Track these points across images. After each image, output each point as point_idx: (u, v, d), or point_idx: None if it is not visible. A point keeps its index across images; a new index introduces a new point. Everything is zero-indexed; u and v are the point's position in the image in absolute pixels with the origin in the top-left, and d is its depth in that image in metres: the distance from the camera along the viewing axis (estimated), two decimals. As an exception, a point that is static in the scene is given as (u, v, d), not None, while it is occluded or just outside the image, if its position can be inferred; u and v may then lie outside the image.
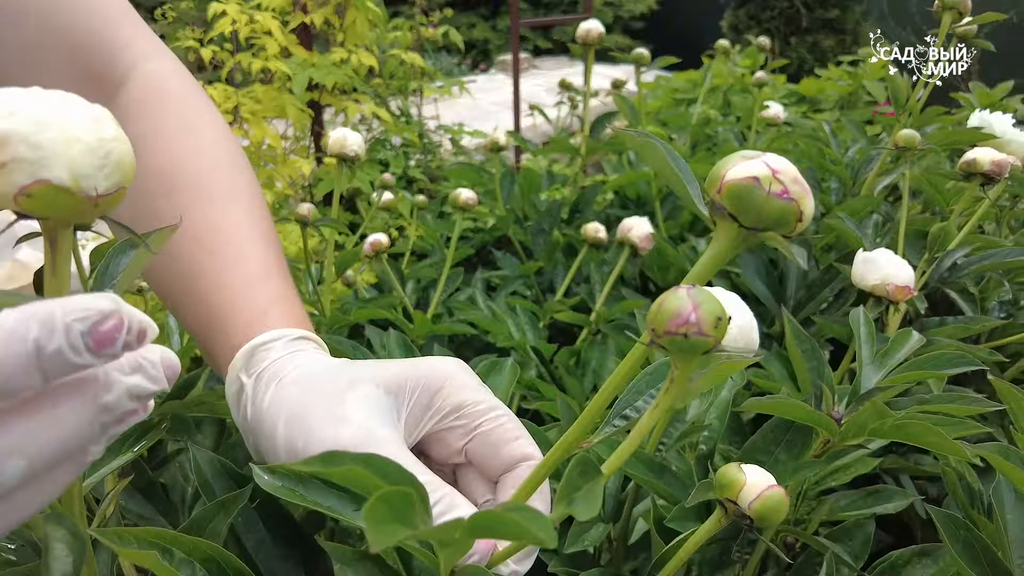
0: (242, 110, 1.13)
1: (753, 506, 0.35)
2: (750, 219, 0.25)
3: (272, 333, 0.41)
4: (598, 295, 0.96)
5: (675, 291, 0.25)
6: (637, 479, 0.46)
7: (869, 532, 0.52)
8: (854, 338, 0.56)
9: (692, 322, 0.24)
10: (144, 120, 0.49)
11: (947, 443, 0.35)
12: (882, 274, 0.68)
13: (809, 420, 0.44)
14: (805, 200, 0.24)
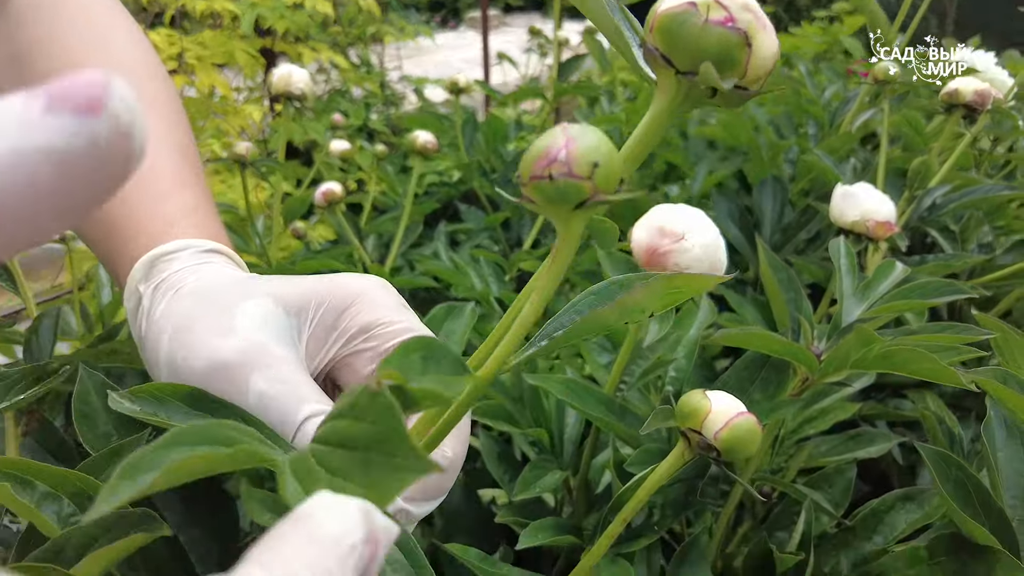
0: (187, 56, 1.06)
1: (720, 436, 0.30)
2: (685, 59, 0.19)
3: (177, 243, 0.37)
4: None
5: (551, 128, 0.20)
6: (595, 420, 0.42)
7: (850, 478, 0.48)
8: (833, 275, 0.52)
9: (560, 160, 0.18)
10: (39, 25, 0.43)
11: (940, 368, 0.31)
12: (862, 210, 0.63)
13: (786, 354, 0.40)
14: (759, 34, 0.19)
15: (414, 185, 0.87)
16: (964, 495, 0.36)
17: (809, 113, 0.97)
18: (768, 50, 0.20)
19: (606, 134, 0.21)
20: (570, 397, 0.41)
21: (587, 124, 0.19)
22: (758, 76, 0.20)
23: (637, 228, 0.39)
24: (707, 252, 0.37)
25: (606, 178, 0.19)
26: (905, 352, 0.32)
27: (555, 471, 0.44)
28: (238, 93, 1.23)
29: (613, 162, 0.19)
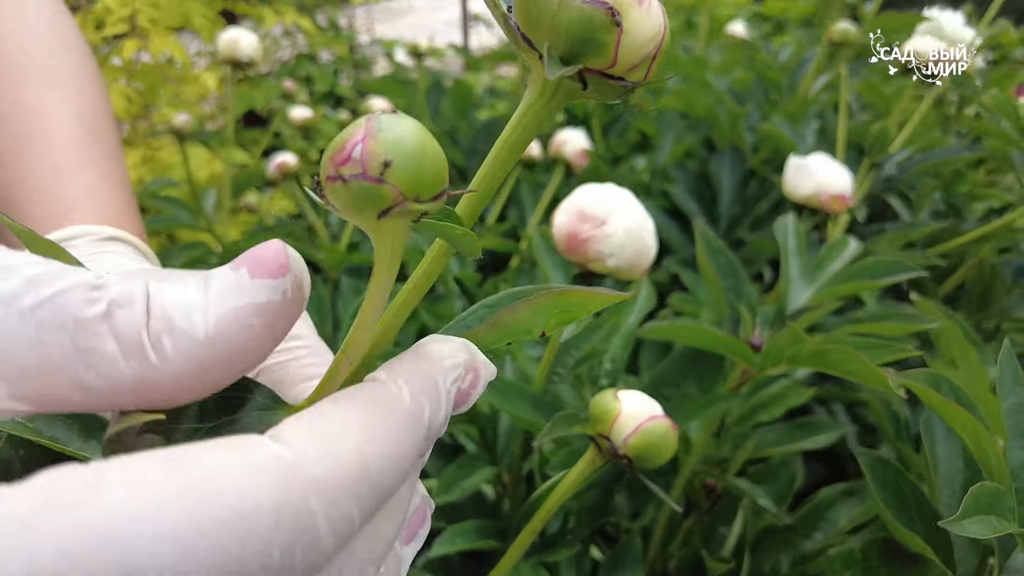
0: (140, 18, 1.00)
1: (630, 442, 0.28)
2: (543, 37, 0.16)
3: (73, 229, 0.34)
4: (529, 220, 0.88)
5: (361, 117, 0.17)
6: (523, 423, 0.39)
7: (794, 471, 0.45)
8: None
9: (354, 158, 0.15)
10: None
11: (869, 371, 0.28)
12: (816, 182, 0.60)
13: (720, 348, 0.37)
14: (633, 10, 0.16)
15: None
16: (899, 500, 0.33)
17: (767, 79, 0.93)
18: (647, 31, 0.16)
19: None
20: (495, 398, 0.38)
21: (403, 114, 0.16)
22: (633, 63, 0.17)
23: (558, 212, 0.36)
24: (632, 237, 0.34)
25: (414, 181, 0.15)
26: (837, 352, 0.30)
27: (484, 468, 0.41)
28: (199, 58, 1.17)
29: (425, 161, 0.15)
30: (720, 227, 0.78)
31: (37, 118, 0.38)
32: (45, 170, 0.37)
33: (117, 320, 0.15)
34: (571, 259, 0.35)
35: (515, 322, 0.21)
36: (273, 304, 0.16)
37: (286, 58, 1.32)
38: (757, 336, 0.40)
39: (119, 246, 0.35)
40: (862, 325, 0.37)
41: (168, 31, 1.05)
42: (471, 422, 0.43)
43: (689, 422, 0.39)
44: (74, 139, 0.39)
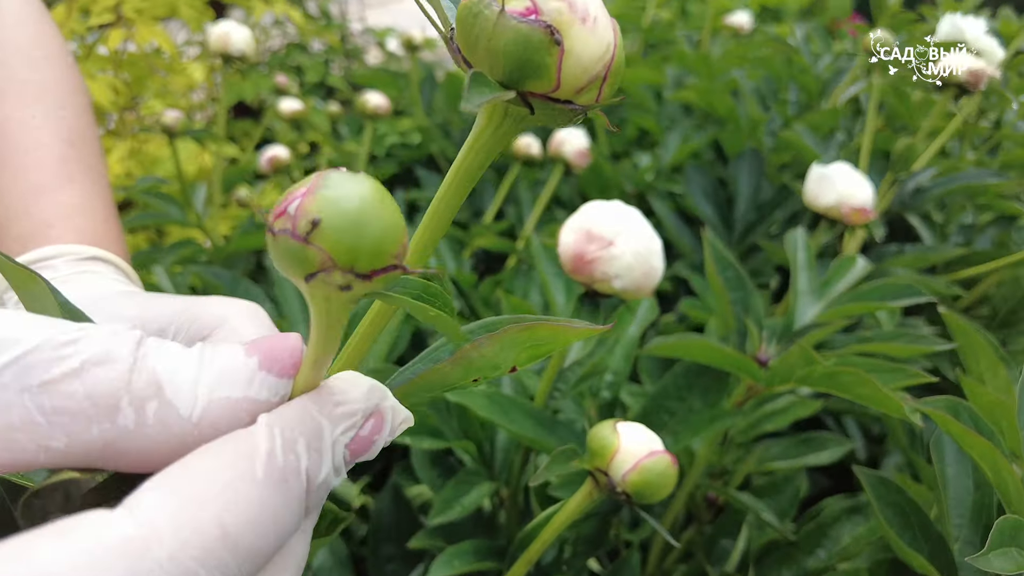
0: (125, 8, 1.00)
1: (628, 479, 0.28)
2: (484, 63, 0.16)
3: (52, 248, 0.34)
4: (528, 218, 0.88)
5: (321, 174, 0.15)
6: (522, 439, 0.40)
7: (798, 486, 0.46)
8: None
9: (288, 212, 0.14)
10: None
11: (882, 396, 0.29)
12: (837, 193, 0.61)
13: (727, 364, 0.38)
14: (575, 29, 0.15)
15: (366, 153, 0.84)
16: (903, 520, 0.34)
17: (798, 82, 0.94)
18: (593, 50, 0.16)
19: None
20: (494, 413, 0.39)
21: (364, 175, 0.15)
22: (579, 85, 0.16)
23: (564, 230, 0.36)
24: (639, 260, 0.34)
25: (347, 248, 0.14)
26: (849, 375, 0.30)
27: (482, 484, 0.42)
28: (189, 47, 1.17)
29: (365, 228, 0.14)
30: (735, 233, 0.79)
31: (17, 134, 0.39)
32: (25, 188, 0.37)
33: (91, 379, 0.15)
34: (577, 279, 0.36)
35: (481, 357, 0.21)
36: (270, 405, 0.17)
37: (276, 47, 1.33)
38: (764, 351, 0.41)
39: (99, 266, 0.35)
40: (871, 344, 0.37)
41: (154, 21, 1.05)
42: (468, 437, 0.43)
43: (693, 438, 0.40)
44: (55, 156, 0.39)
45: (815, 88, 0.94)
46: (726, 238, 0.82)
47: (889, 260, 0.69)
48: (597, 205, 0.37)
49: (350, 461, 0.18)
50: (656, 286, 0.36)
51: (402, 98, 1.13)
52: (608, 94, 0.17)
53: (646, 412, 0.41)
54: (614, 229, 0.35)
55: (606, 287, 0.35)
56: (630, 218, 0.36)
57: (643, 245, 0.35)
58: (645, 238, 0.35)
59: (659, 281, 0.36)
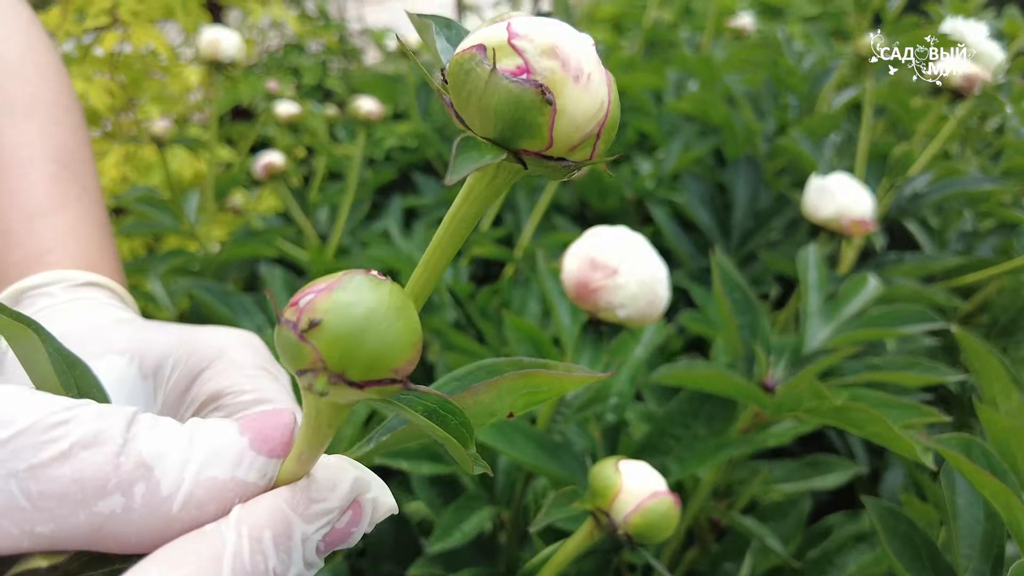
0: (121, 11, 0.98)
1: (630, 520, 0.27)
2: (475, 120, 0.15)
3: (48, 275, 0.33)
4: (525, 226, 0.87)
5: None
6: (525, 465, 0.38)
7: (804, 510, 0.45)
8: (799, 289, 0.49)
9: (299, 305, 0.14)
10: None
11: (894, 436, 0.28)
12: (837, 205, 0.60)
13: (735, 393, 0.37)
14: (568, 88, 0.15)
15: (359, 161, 0.83)
16: (912, 552, 0.33)
17: (786, 83, 0.93)
18: (586, 108, 0.15)
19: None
20: (496, 439, 0.38)
21: (390, 283, 0.15)
22: (572, 143, 0.16)
23: (568, 256, 0.35)
24: (644, 288, 0.33)
25: (341, 354, 0.14)
26: (860, 412, 0.29)
27: (482, 509, 0.41)
28: (185, 48, 1.16)
29: (366, 338, 0.14)
30: (733, 240, 0.78)
31: (11, 154, 0.37)
32: (19, 212, 0.36)
33: (79, 463, 0.15)
34: (581, 307, 0.35)
35: (477, 404, 0.20)
36: (256, 488, 0.16)
37: (274, 48, 1.31)
38: (771, 375, 0.40)
39: (95, 292, 0.34)
40: (882, 374, 0.36)
41: (150, 23, 1.03)
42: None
43: (699, 467, 0.39)
44: (50, 177, 0.38)
45: (803, 88, 0.93)
46: (724, 245, 0.81)
47: (888, 269, 0.68)
48: (602, 231, 0.35)
49: (324, 551, 0.17)
50: (662, 314, 0.35)
51: (401, 101, 1.12)
52: (602, 151, 0.17)
53: (651, 438, 0.40)
54: (619, 257, 0.33)
55: (610, 316, 0.34)
56: (635, 246, 0.34)
57: (648, 274, 0.34)
58: (650, 266, 0.34)
59: (664, 309, 0.35)
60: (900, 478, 0.61)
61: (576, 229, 0.92)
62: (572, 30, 0.16)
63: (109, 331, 0.30)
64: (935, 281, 0.70)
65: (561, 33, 0.15)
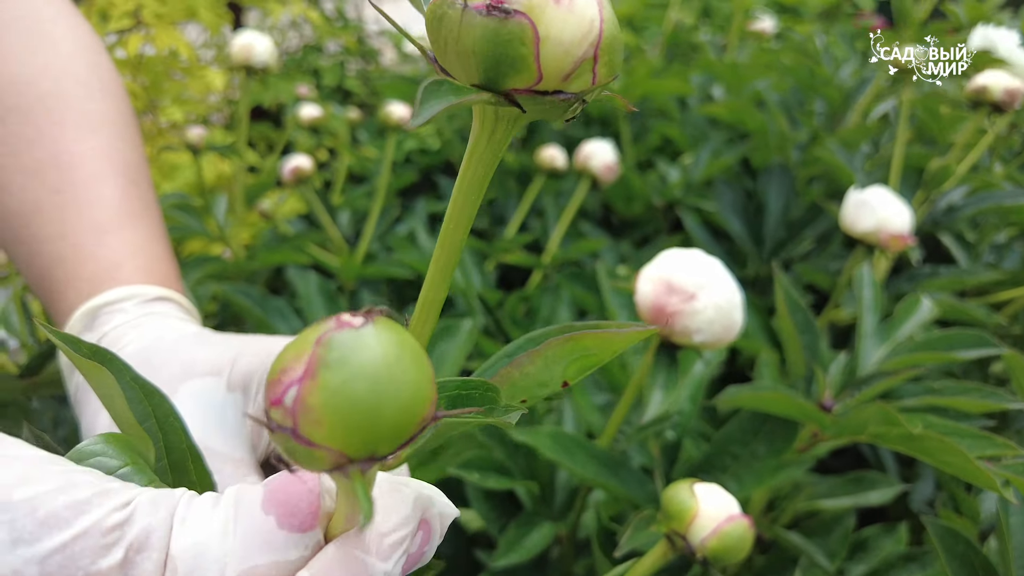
0: (144, 13, 0.99)
1: (708, 544, 0.28)
2: (457, 67, 0.15)
3: (121, 291, 0.35)
4: (553, 231, 0.88)
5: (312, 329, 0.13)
6: (586, 480, 0.39)
7: (849, 526, 0.46)
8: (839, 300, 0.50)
9: (285, 404, 0.12)
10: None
11: (973, 468, 0.29)
12: (877, 219, 0.60)
13: (798, 415, 0.38)
14: (548, 11, 0.14)
15: (388, 169, 0.83)
16: (969, 572, 0.34)
17: (821, 93, 0.93)
18: (574, 30, 0.14)
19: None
20: (559, 454, 0.39)
21: (369, 330, 0.12)
22: (565, 71, 0.15)
23: (642, 279, 0.36)
24: (721, 314, 0.34)
25: (363, 442, 0.12)
26: (934, 442, 0.30)
27: (543, 525, 0.42)
28: (207, 49, 1.16)
29: (382, 409, 0.12)
30: (765, 250, 0.79)
31: (78, 169, 0.38)
32: (88, 226, 0.37)
33: (134, 570, 0.15)
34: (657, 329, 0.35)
35: (525, 376, 0.19)
36: (303, 559, 0.16)
37: (292, 49, 1.31)
38: (827, 397, 0.41)
39: (165, 306, 0.36)
40: (941, 398, 0.37)
41: (173, 25, 1.04)
42: (534, 477, 0.43)
43: (758, 487, 0.40)
44: (116, 191, 0.39)
45: (838, 100, 0.93)
46: (756, 254, 0.82)
47: (924, 282, 0.69)
48: (676, 254, 0.36)
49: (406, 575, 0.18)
50: (735, 338, 0.36)
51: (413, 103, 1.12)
52: (605, 75, 0.15)
53: (709, 456, 0.41)
54: (697, 282, 0.34)
55: (685, 340, 0.35)
56: (713, 270, 0.35)
57: (726, 299, 0.34)
58: (728, 291, 0.35)
59: (739, 333, 0.36)
60: (930, 490, 0.62)
61: (602, 235, 0.92)
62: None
63: (189, 350, 0.31)
64: (967, 295, 0.71)
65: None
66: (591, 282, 0.75)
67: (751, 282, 0.81)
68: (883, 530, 0.50)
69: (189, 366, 0.30)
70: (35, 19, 0.41)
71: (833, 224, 0.78)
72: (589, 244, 0.83)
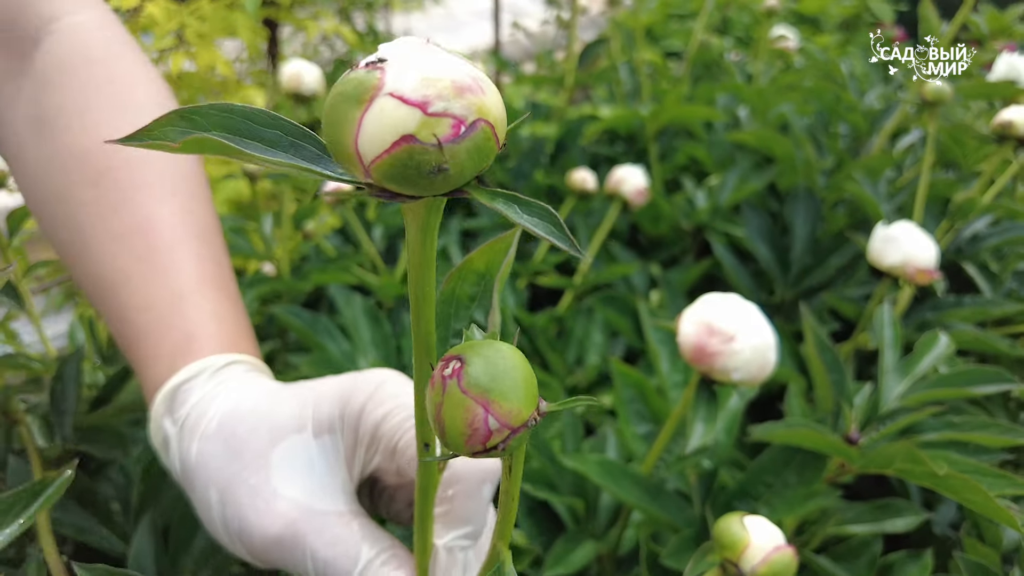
0: (187, 32, 1.04)
1: (758, 571, 0.32)
2: (431, 188, 0.16)
3: (195, 366, 0.37)
4: (584, 252, 0.92)
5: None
6: (630, 504, 0.43)
7: (876, 552, 0.50)
8: (864, 327, 0.53)
9: (493, 430, 0.18)
10: (67, 92, 0.42)
11: (994, 507, 0.33)
12: (903, 253, 0.64)
13: (826, 449, 0.41)
14: (483, 101, 0.16)
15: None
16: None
17: (846, 119, 0.97)
18: (498, 110, 0.17)
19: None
20: (605, 479, 0.43)
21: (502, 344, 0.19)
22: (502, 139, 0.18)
23: (684, 321, 0.40)
24: (757, 355, 0.38)
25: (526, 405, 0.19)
26: (958, 481, 0.34)
27: (587, 544, 0.46)
28: (239, 64, 1.21)
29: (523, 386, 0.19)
30: (791, 275, 0.82)
31: (158, 234, 0.41)
32: (168, 296, 0.39)
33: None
34: (696, 367, 0.39)
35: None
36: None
37: (323, 63, 1.36)
38: (855, 430, 0.45)
39: (235, 370, 0.38)
40: (962, 433, 0.41)
41: (213, 44, 1.09)
42: (580, 495, 0.47)
43: (788, 514, 0.43)
44: (191, 255, 0.41)
45: (864, 126, 0.97)
46: (782, 280, 0.85)
47: (947, 313, 0.72)
48: (717, 299, 0.40)
49: None
50: (768, 376, 0.40)
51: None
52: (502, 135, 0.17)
53: (744, 485, 0.45)
54: (735, 326, 0.38)
55: (724, 378, 0.39)
56: (750, 314, 0.39)
57: (762, 340, 0.38)
58: (764, 334, 0.39)
59: (772, 373, 0.39)
60: (952, 513, 0.66)
61: (631, 256, 0.96)
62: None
63: (269, 413, 0.34)
64: (989, 324, 0.74)
65: (445, 67, 0.16)
66: (623, 305, 0.79)
67: (777, 307, 0.85)
68: (909, 556, 0.53)
69: (274, 429, 0.33)
70: (122, 82, 0.44)
71: (859, 251, 0.81)
72: (621, 268, 0.87)
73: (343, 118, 0.16)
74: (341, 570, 0.30)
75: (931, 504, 0.68)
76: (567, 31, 1.40)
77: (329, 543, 0.30)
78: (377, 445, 0.33)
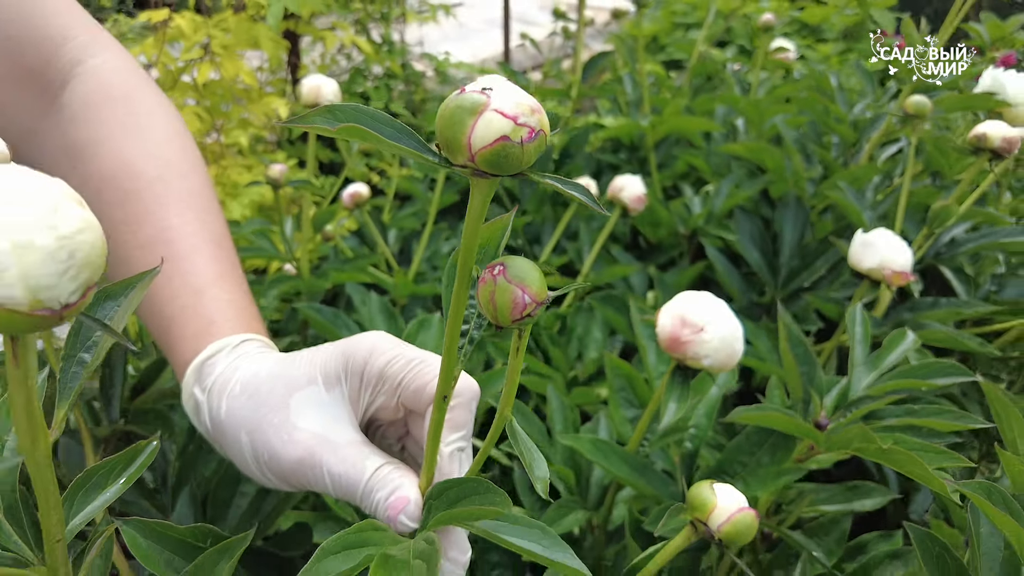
0: (213, 44, 1.09)
1: (723, 529, 0.37)
2: (511, 170, 0.23)
3: (216, 344, 0.44)
4: (586, 255, 0.96)
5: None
6: (619, 479, 0.48)
7: (845, 528, 0.54)
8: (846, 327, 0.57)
9: (527, 303, 0.26)
10: (92, 125, 0.49)
11: (930, 477, 0.37)
12: (880, 257, 0.68)
13: (796, 432, 0.46)
14: (543, 118, 0.24)
15: (440, 189, 0.92)
16: (943, 572, 0.42)
17: (835, 131, 1.01)
18: (548, 124, 0.24)
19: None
20: (597, 456, 0.47)
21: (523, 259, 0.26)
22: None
23: (663, 314, 0.45)
24: (725, 344, 0.43)
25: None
26: (901, 456, 0.38)
27: (577, 511, 0.51)
28: (260, 73, 1.26)
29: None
30: (780, 278, 0.87)
31: (179, 242, 0.47)
32: (191, 289, 0.46)
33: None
34: (671, 355, 0.44)
35: None
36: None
37: (339, 73, 1.41)
38: (822, 416, 0.49)
39: (250, 346, 0.45)
40: (918, 418, 0.45)
41: (237, 55, 1.14)
42: (573, 467, 0.52)
43: (761, 489, 0.48)
44: (208, 258, 0.48)
45: (851, 137, 1.01)
46: (772, 281, 0.89)
47: (924, 313, 0.76)
48: (691, 295, 0.45)
49: None
50: (737, 363, 0.44)
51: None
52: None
53: (721, 463, 0.49)
54: (705, 318, 0.43)
55: (696, 364, 0.44)
56: (718, 309, 0.44)
57: (728, 331, 0.43)
58: (730, 326, 0.43)
59: (740, 359, 0.44)
60: (928, 501, 0.70)
61: (631, 258, 1.01)
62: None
63: (283, 373, 0.40)
64: (964, 323, 0.78)
65: (522, 93, 0.24)
66: (621, 305, 0.83)
67: (767, 308, 0.89)
68: (881, 536, 0.58)
69: (290, 384, 0.39)
70: (141, 112, 0.51)
71: (842, 255, 0.86)
72: (621, 269, 0.91)
73: (461, 121, 0.23)
74: (352, 481, 0.36)
75: (908, 494, 0.73)
76: (574, 41, 1.44)
77: (341, 460, 0.36)
78: (381, 386, 0.39)
